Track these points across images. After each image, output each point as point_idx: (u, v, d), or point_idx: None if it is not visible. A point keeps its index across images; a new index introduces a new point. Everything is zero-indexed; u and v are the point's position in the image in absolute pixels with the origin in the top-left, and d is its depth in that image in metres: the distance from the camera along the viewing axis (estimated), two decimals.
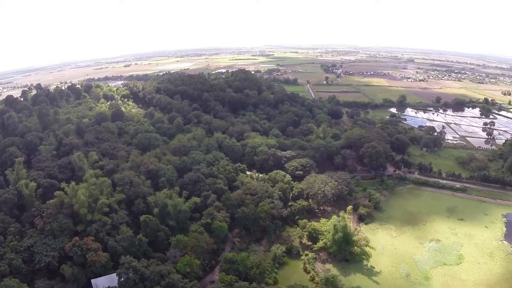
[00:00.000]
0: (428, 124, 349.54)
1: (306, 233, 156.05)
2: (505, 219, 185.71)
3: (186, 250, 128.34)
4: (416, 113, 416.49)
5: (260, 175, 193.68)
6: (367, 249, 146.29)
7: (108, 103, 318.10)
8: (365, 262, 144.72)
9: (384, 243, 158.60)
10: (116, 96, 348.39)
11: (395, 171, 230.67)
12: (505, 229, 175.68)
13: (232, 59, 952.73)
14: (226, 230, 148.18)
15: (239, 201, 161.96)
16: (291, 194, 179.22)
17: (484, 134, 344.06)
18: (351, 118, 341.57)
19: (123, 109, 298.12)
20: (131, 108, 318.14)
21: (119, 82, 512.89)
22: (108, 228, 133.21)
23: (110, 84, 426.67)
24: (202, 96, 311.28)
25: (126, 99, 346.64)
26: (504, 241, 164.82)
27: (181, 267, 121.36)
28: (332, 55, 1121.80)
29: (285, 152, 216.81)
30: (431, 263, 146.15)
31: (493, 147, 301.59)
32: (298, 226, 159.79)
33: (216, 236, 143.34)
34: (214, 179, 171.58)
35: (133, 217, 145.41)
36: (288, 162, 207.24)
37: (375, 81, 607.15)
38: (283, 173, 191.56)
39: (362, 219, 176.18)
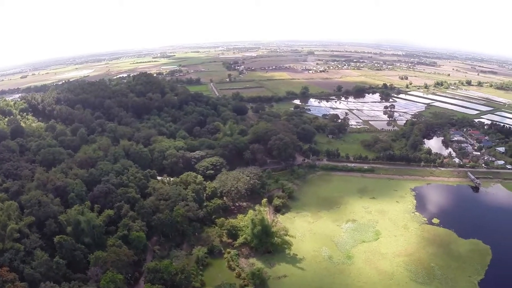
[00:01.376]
0: (332, 112, 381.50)
1: (225, 231, 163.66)
2: (413, 192, 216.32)
3: (107, 266, 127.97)
4: (319, 102, 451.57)
5: (172, 178, 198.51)
6: (287, 238, 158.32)
7: (6, 119, 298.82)
8: (287, 251, 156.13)
9: (302, 230, 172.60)
10: (14, 111, 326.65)
11: (304, 160, 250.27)
12: (415, 201, 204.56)
13: (133, 63, 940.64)
14: (144, 240, 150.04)
15: (154, 208, 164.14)
16: (205, 194, 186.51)
17: (385, 117, 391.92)
18: (256, 113, 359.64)
19: (22, 124, 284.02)
20: (31, 123, 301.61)
21: (17, 95, 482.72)
22: (22, 255, 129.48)
23: (6, 98, 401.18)
24: (104, 104, 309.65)
25: (25, 113, 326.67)
26: (416, 213, 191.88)
27: (104, 285, 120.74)
28: (233, 52, 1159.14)
29: (194, 153, 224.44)
30: (351, 243, 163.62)
31: (395, 128, 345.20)
32: (216, 225, 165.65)
33: (135, 247, 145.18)
34: (125, 189, 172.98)
35: (46, 239, 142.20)
36: (198, 163, 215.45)
37: (278, 75, 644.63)
38: (194, 174, 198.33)
39: (278, 210, 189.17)
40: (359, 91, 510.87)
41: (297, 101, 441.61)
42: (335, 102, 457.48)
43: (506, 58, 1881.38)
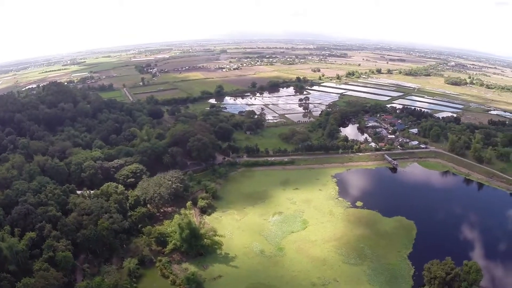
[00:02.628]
0: (248, 108, 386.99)
1: (153, 239, 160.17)
2: (335, 179, 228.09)
3: None
4: (234, 100, 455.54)
5: (92, 191, 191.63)
6: (216, 238, 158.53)
7: None
8: (218, 251, 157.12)
9: (231, 228, 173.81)
10: None
11: (225, 158, 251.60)
12: (338, 187, 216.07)
13: (43, 72, 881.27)
14: (71, 259, 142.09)
15: (77, 225, 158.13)
16: (128, 204, 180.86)
17: (301, 109, 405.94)
18: (172, 116, 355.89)
19: None
20: None
21: None
22: None
23: None
24: (14, 118, 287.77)
25: None
26: (339, 198, 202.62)
27: None
28: (146, 55, 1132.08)
29: (112, 162, 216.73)
30: (280, 234, 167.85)
31: (311, 119, 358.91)
32: (144, 234, 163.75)
33: (63, 268, 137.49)
34: (45, 208, 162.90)
35: None
36: (118, 172, 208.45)
37: (192, 75, 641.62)
38: (115, 184, 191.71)
39: (204, 211, 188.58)
40: (274, 86, 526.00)
41: (212, 100, 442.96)
42: (251, 98, 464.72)
43: (413, 46, 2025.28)
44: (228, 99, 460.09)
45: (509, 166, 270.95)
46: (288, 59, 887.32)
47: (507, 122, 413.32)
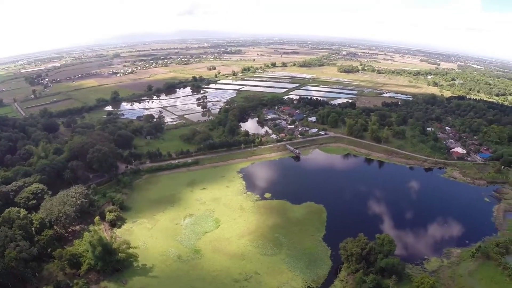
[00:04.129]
0: (146, 113, 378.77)
1: (66, 262, 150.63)
2: (241, 174, 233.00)
3: None
4: (132, 105, 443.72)
5: None
6: (131, 251, 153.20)
7: None
8: (135, 264, 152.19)
9: (144, 238, 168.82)
10: None
11: (128, 166, 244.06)
12: (244, 182, 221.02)
13: None
14: None
15: None
16: (33, 229, 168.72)
17: (199, 109, 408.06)
18: (68, 128, 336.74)
19: None
20: None
21: None
22: None
23: None
24: None
25: None
26: (247, 192, 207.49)
27: None
28: (35, 65, 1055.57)
29: (10, 185, 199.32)
30: (195, 237, 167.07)
31: (211, 117, 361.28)
32: (55, 259, 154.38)
33: None
34: None
35: None
36: (18, 195, 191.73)
37: (85, 83, 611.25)
38: (16, 209, 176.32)
39: (113, 224, 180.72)
40: (170, 88, 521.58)
41: (109, 108, 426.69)
42: (148, 102, 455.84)
43: (306, 38, 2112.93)
44: (125, 105, 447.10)
45: (406, 142, 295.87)
46: (183, 59, 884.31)
47: (399, 103, 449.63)
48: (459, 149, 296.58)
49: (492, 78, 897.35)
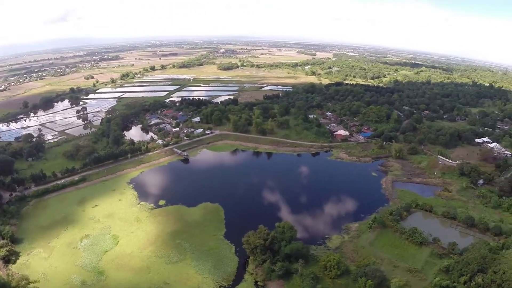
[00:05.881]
0: (25, 132, 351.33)
1: None
2: (131, 185, 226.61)
3: None
4: (8, 125, 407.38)
5: None
6: (32, 286, 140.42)
7: None
8: None
9: (43, 269, 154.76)
10: None
11: (12, 194, 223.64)
12: (136, 192, 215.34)
13: None
14: None
15: None
16: None
17: (80, 121, 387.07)
18: None
19: None
20: None
21: None
22: None
23: None
24: None
25: None
26: (141, 203, 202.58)
27: None
28: None
29: None
30: (95, 258, 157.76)
31: (93, 129, 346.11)
32: None
33: None
34: None
35: None
36: None
37: None
38: None
39: (7, 260, 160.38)
40: (47, 102, 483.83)
41: None
42: (26, 120, 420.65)
43: (184, 39, 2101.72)
44: (1, 126, 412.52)
45: (291, 131, 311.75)
46: (59, 70, 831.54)
47: (280, 95, 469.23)
48: (342, 132, 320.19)
49: (367, 63, 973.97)
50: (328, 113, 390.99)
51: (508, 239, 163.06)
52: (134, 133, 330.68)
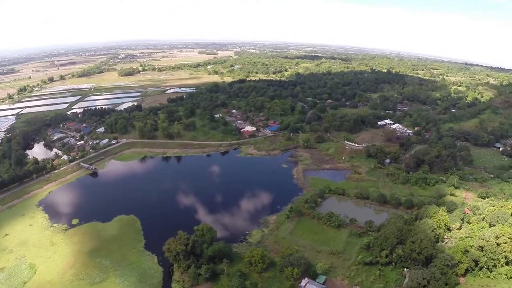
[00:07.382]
0: None
1: None
2: (41, 207, 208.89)
3: None
4: None
5: None
6: None
7: None
8: None
9: None
10: None
11: None
12: (47, 214, 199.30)
13: None
14: None
15: None
16: None
17: None
18: None
19: None
20: None
21: None
22: None
23: None
24: None
25: None
26: (53, 225, 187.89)
27: None
28: None
29: None
30: None
31: None
32: None
33: None
34: None
35: None
36: None
37: None
38: None
39: None
40: None
41: None
42: None
43: (82, 46, 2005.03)
44: None
45: (198, 133, 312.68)
46: None
47: (184, 96, 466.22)
48: (249, 128, 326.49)
49: (268, 59, 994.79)
50: (234, 111, 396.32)
51: (420, 210, 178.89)
52: (38, 151, 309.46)
